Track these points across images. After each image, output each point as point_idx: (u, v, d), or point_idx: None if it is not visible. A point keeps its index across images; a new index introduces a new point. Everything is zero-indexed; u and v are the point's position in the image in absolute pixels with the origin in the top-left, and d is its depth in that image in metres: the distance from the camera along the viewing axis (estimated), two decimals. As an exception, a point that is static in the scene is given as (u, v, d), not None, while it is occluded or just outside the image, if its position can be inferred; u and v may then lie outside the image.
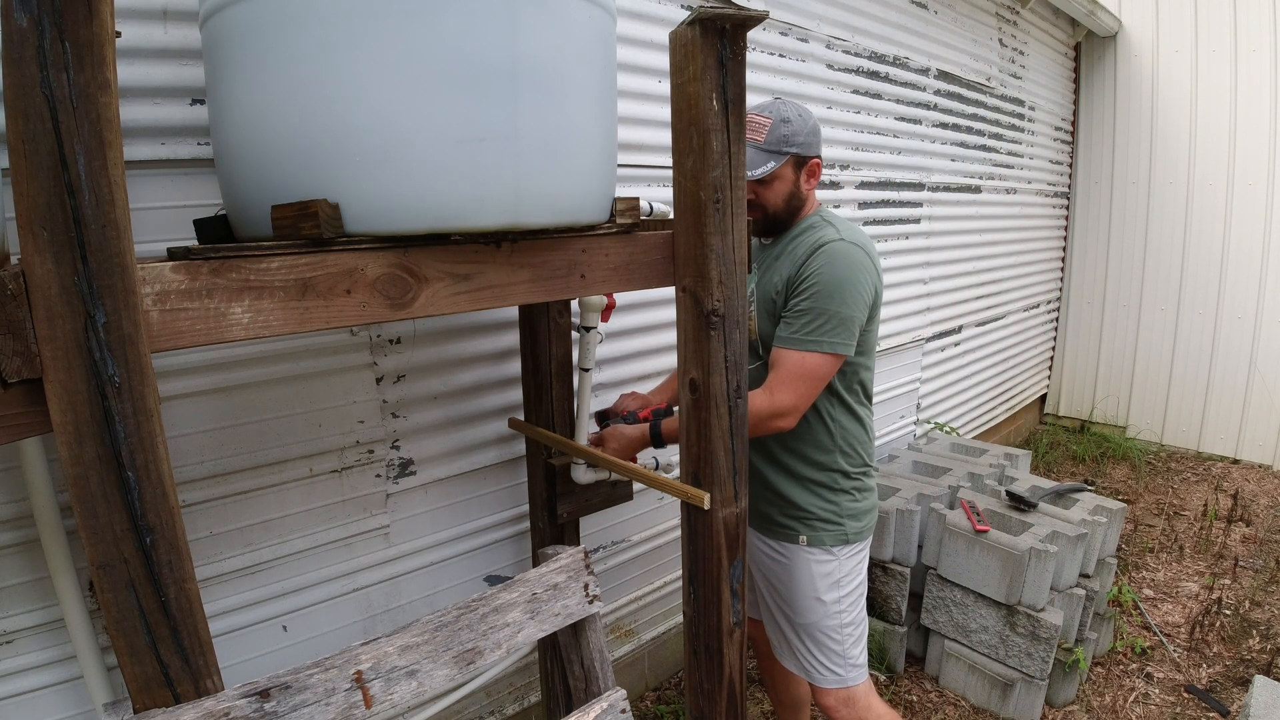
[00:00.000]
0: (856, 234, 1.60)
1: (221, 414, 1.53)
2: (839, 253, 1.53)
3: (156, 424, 0.83)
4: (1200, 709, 2.52)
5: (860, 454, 1.71)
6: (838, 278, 1.51)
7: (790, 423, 1.56)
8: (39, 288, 0.75)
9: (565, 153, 1.10)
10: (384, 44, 0.94)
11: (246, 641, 1.64)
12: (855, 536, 1.71)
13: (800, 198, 1.64)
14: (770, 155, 1.57)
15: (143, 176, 1.36)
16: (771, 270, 1.65)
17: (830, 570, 1.70)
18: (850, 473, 1.70)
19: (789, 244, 1.64)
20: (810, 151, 1.60)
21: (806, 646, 1.76)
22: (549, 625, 1.30)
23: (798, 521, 1.71)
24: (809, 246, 1.57)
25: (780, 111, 1.58)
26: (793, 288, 1.57)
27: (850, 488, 1.70)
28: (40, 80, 0.71)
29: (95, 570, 0.81)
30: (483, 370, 1.94)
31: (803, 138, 1.58)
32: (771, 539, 1.77)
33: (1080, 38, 5.09)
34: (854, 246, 1.55)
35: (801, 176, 1.62)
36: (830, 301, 1.51)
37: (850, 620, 1.73)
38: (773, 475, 1.73)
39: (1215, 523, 3.91)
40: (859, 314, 1.54)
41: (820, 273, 1.52)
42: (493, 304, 1.14)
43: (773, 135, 1.57)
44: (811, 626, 1.73)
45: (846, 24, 2.98)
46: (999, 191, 4.41)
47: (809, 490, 1.69)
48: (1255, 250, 4.62)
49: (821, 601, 1.71)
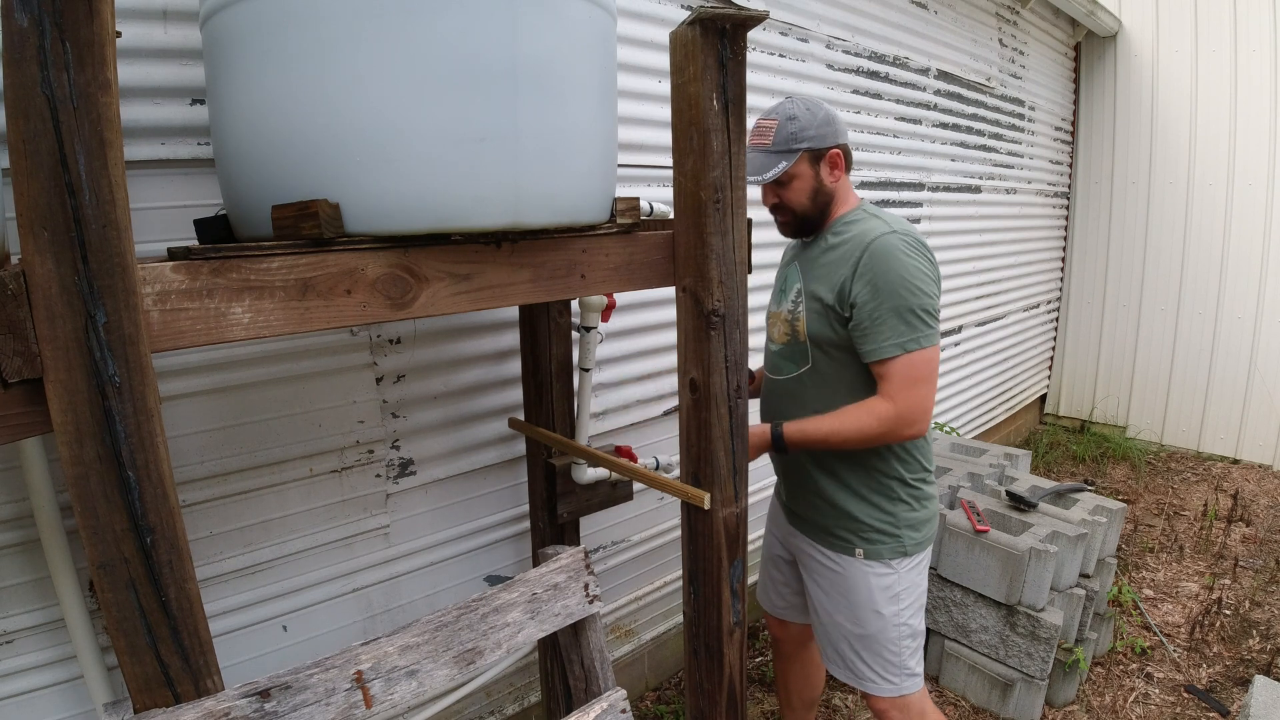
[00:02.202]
0: (904, 224, 1.54)
1: (222, 414, 1.53)
2: (893, 245, 1.47)
3: (157, 424, 0.83)
4: (1200, 709, 2.52)
5: (918, 460, 1.63)
6: (902, 268, 1.45)
7: (923, 428, 1.50)
8: (39, 287, 0.75)
9: (565, 153, 1.10)
10: (384, 44, 0.94)
11: (246, 641, 1.64)
12: (914, 548, 1.62)
13: (827, 192, 1.59)
14: (780, 156, 1.53)
15: (143, 176, 1.36)
16: (818, 268, 1.59)
17: (889, 584, 1.61)
18: (909, 480, 1.61)
19: (836, 242, 1.57)
20: (825, 143, 1.54)
21: (862, 657, 1.67)
22: (549, 625, 1.30)
23: (853, 534, 1.62)
24: (860, 245, 1.50)
25: (785, 110, 1.55)
26: (856, 292, 1.49)
27: (908, 496, 1.61)
28: (41, 80, 0.71)
29: (95, 570, 0.81)
30: (483, 370, 1.94)
31: (813, 131, 1.53)
32: (826, 548, 1.68)
33: (1080, 38, 5.09)
34: (904, 236, 1.49)
35: (822, 170, 1.56)
36: (904, 297, 1.44)
37: (910, 632, 1.65)
38: (827, 485, 1.64)
39: (1215, 523, 3.91)
40: (933, 300, 1.48)
41: (882, 268, 1.46)
42: (493, 304, 1.14)
43: (779, 135, 1.53)
44: (869, 638, 1.65)
45: (846, 24, 2.98)
46: (999, 191, 4.41)
47: (865, 501, 1.61)
48: (1255, 250, 4.62)
49: (880, 614, 1.62)
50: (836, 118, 1.57)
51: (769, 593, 1.99)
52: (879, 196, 3.39)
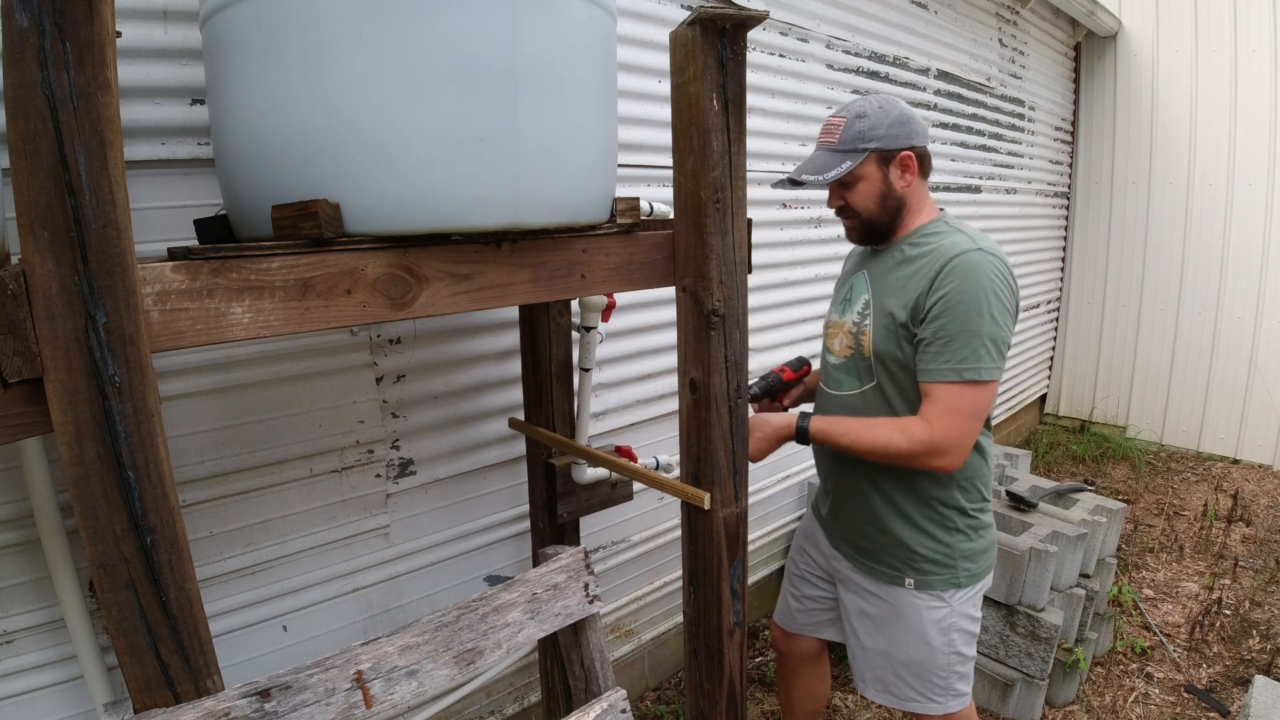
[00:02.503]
0: (991, 242, 1.44)
1: (222, 414, 1.53)
2: (978, 264, 1.37)
3: (157, 424, 0.83)
4: (1200, 709, 2.52)
5: (979, 489, 1.54)
6: (981, 292, 1.35)
7: (954, 463, 1.39)
8: (39, 287, 0.75)
9: (565, 152, 1.10)
10: (384, 44, 0.94)
11: (247, 641, 1.64)
12: (969, 580, 1.53)
13: (896, 197, 1.48)
14: (845, 155, 1.44)
15: (143, 176, 1.36)
16: (892, 281, 1.49)
17: (941, 616, 1.53)
18: (968, 510, 1.52)
19: (914, 254, 1.48)
20: (896, 144, 1.44)
21: (906, 681, 1.60)
22: (549, 625, 1.30)
23: (903, 563, 1.54)
24: (940, 259, 1.40)
25: (856, 108, 1.46)
26: (927, 307, 1.39)
27: (966, 527, 1.52)
28: (41, 80, 0.71)
29: (95, 570, 0.81)
30: (483, 370, 1.94)
31: (883, 130, 1.43)
32: (872, 577, 1.60)
33: (1080, 38, 5.09)
34: (992, 256, 1.39)
35: (892, 173, 1.46)
36: (978, 321, 1.34)
37: (960, 660, 1.57)
38: (881, 509, 1.55)
39: (1215, 523, 3.91)
40: (1007, 331, 1.38)
41: (960, 288, 1.35)
42: (493, 304, 1.14)
43: (846, 134, 1.44)
44: (915, 665, 1.57)
45: (846, 24, 2.98)
46: (999, 191, 4.41)
47: (920, 530, 1.52)
48: (1255, 250, 4.62)
49: (930, 645, 1.54)
50: (913, 118, 1.47)
51: (792, 611, 1.88)
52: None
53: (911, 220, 1.52)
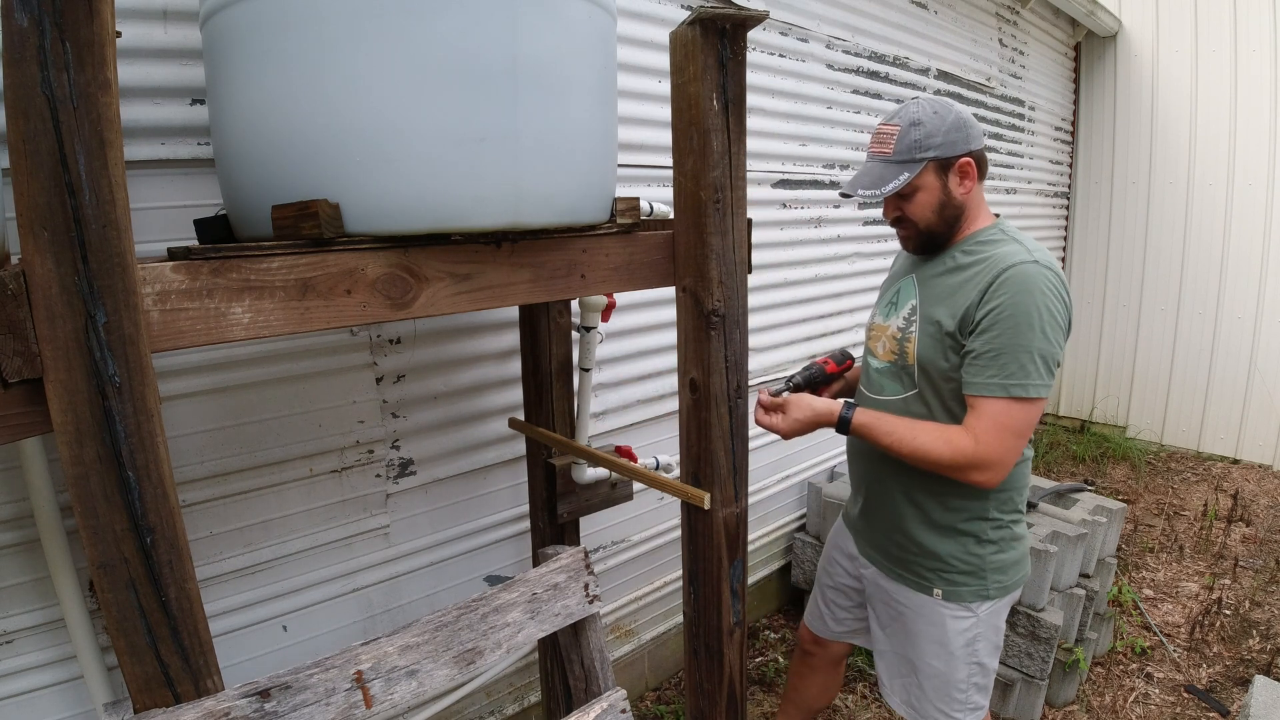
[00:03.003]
0: (1046, 253, 1.38)
1: (222, 414, 1.53)
2: (1032, 276, 1.32)
3: (157, 424, 0.83)
4: (1200, 709, 2.52)
5: (1014, 500, 1.50)
6: (1035, 306, 1.30)
7: (995, 479, 1.36)
8: (39, 287, 0.75)
9: (565, 152, 1.10)
10: (384, 44, 0.94)
11: (246, 641, 1.64)
12: (999, 592, 1.49)
13: (955, 205, 1.43)
14: (902, 166, 1.39)
15: (143, 176, 1.36)
16: (941, 288, 1.45)
17: (966, 628, 1.50)
18: (1002, 521, 1.49)
19: (966, 262, 1.43)
20: (954, 151, 1.39)
21: (925, 693, 1.58)
22: (549, 625, 1.30)
23: (933, 573, 1.51)
24: (994, 269, 1.35)
25: (910, 115, 1.40)
26: (980, 319, 1.35)
27: (999, 538, 1.48)
28: (41, 80, 0.71)
29: (95, 570, 0.81)
30: (483, 370, 1.94)
31: (940, 138, 1.38)
32: (901, 584, 1.58)
33: (1080, 38, 5.09)
34: (1046, 269, 1.34)
35: (951, 181, 1.41)
36: (1029, 336, 1.30)
37: (982, 673, 1.55)
38: (912, 519, 1.52)
39: (1215, 523, 3.91)
40: (1059, 348, 1.34)
41: (1013, 301, 1.31)
42: (493, 304, 1.14)
43: (902, 144, 1.39)
44: (936, 676, 1.56)
45: (846, 24, 2.98)
46: (999, 191, 4.41)
47: (951, 540, 1.49)
48: (1255, 250, 4.62)
49: (953, 656, 1.52)
50: (969, 121, 1.42)
51: (823, 617, 1.86)
52: (879, 196, 3.38)
53: (968, 226, 1.47)
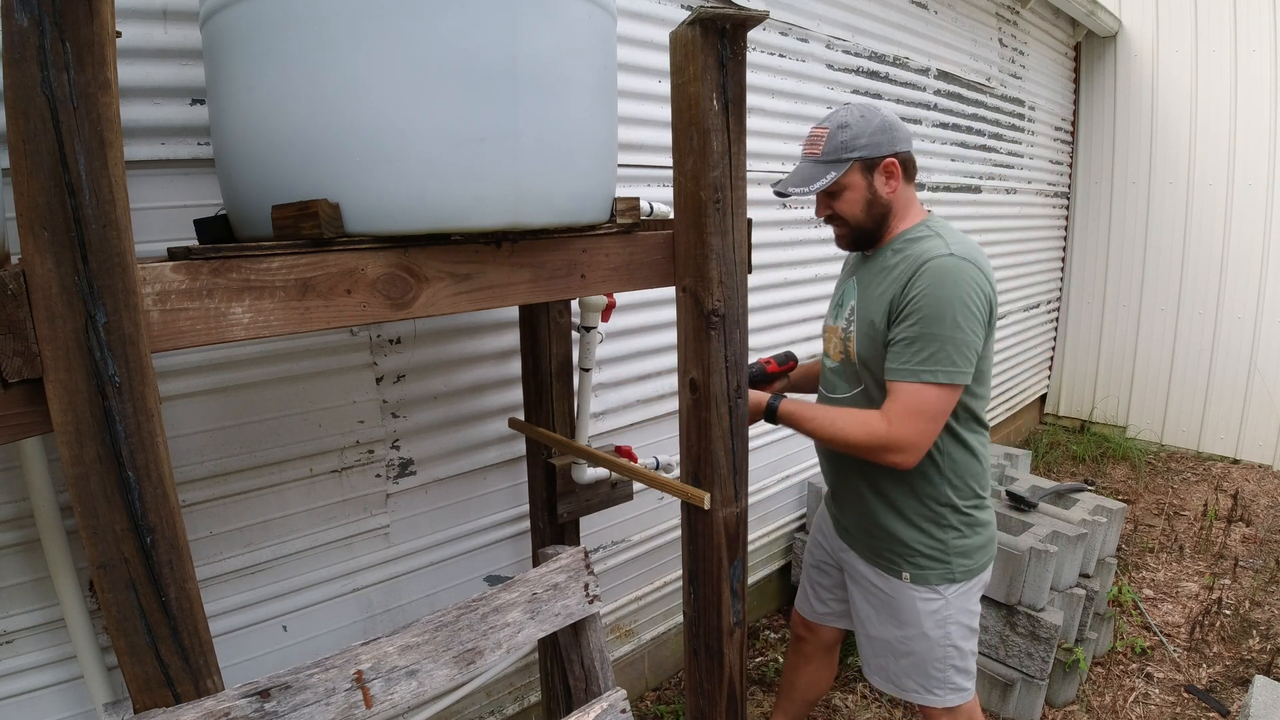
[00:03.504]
0: (967, 246, 1.46)
1: (222, 414, 1.53)
2: (948, 269, 1.40)
3: (157, 424, 0.83)
4: (1200, 709, 2.52)
5: (971, 486, 1.58)
6: (949, 297, 1.39)
7: (910, 460, 1.45)
8: (39, 287, 0.75)
9: (565, 152, 1.10)
10: (384, 44, 0.94)
11: (246, 641, 1.64)
12: (964, 575, 1.58)
13: (882, 203, 1.52)
14: (829, 166, 1.48)
15: (143, 176, 1.36)
16: (876, 286, 1.53)
17: (936, 609, 1.59)
18: (960, 507, 1.56)
19: (892, 258, 1.52)
20: (879, 151, 1.48)
21: (906, 672, 1.66)
22: (549, 625, 1.30)
23: (900, 557, 1.60)
24: (914, 262, 1.45)
25: (838, 118, 1.50)
26: (898, 310, 1.44)
27: (959, 524, 1.56)
28: (41, 80, 0.71)
29: (95, 570, 0.81)
30: (483, 370, 1.94)
31: (865, 139, 1.47)
32: (875, 567, 1.66)
33: (1080, 38, 5.09)
34: (964, 261, 1.42)
35: (876, 180, 1.50)
36: (942, 325, 1.38)
37: (957, 654, 1.62)
38: (876, 506, 1.61)
39: (1215, 523, 3.91)
40: (975, 337, 1.41)
41: (928, 293, 1.40)
42: (493, 304, 1.14)
43: (830, 145, 1.48)
44: (913, 657, 1.64)
45: (846, 24, 2.98)
46: (999, 191, 4.41)
47: (914, 527, 1.57)
48: (1255, 250, 4.62)
49: (926, 637, 1.60)
50: (895, 124, 1.50)
51: (809, 599, 1.95)
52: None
53: (897, 225, 1.56)
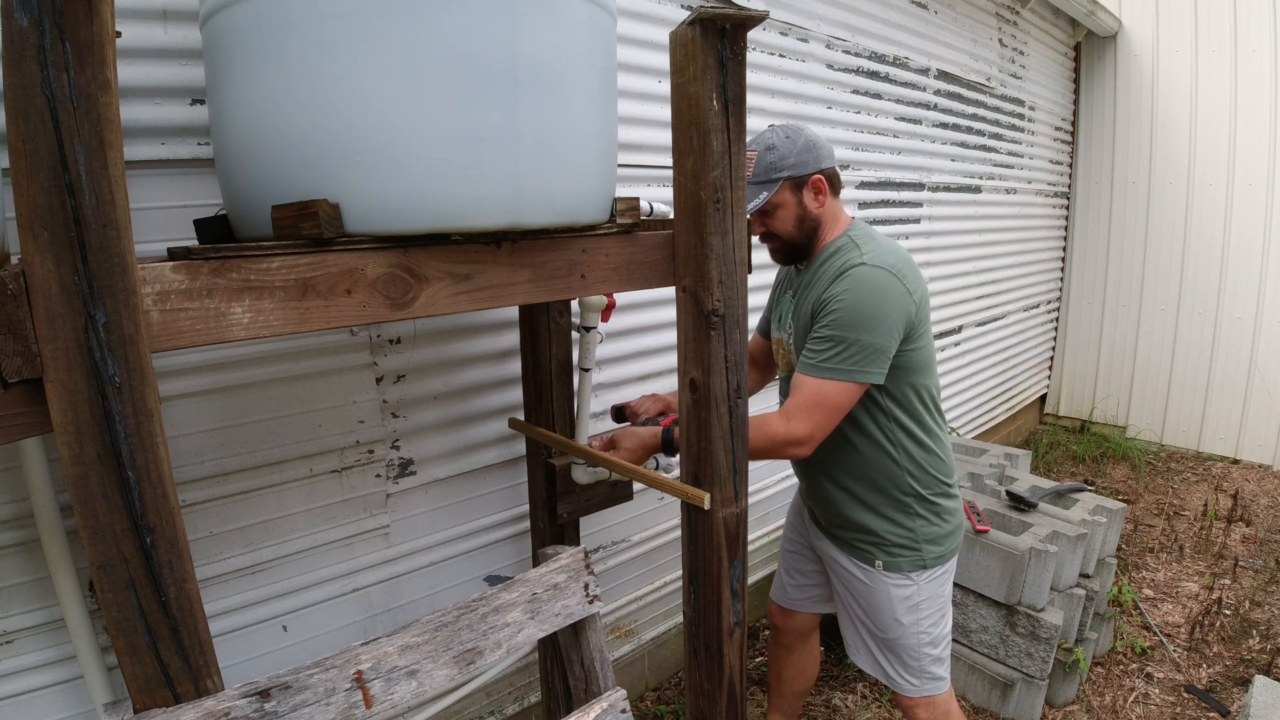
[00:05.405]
0: (884, 254, 1.52)
1: (222, 414, 1.53)
2: (862, 278, 1.48)
3: (157, 424, 0.83)
4: (1200, 709, 2.52)
5: (935, 476, 1.64)
6: (860, 304, 1.46)
7: (806, 451, 1.51)
8: (39, 288, 0.75)
9: (565, 152, 1.10)
10: (384, 44, 0.94)
11: (246, 641, 1.64)
12: (934, 561, 1.64)
13: (813, 218, 1.60)
14: (760, 187, 1.55)
15: (143, 176, 1.36)
16: (805, 300, 1.61)
17: (908, 594, 1.65)
18: (926, 496, 1.63)
19: (819, 269, 1.60)
20: (805, 170, 1.55)
21: (887, 659, 1.73)
22: (549, 625, 1.30)
23: (873, 546, 1.66)
24: (834, 272, 1.53)
25: (765, 141, 1.56)
26: (817, 315, 1.53)
27: (926, 512, 1.63)
28: (40, 80, 0.71)
29: (95, 570, 0.81)
30: (483, 370, 1.94)
31: (793, 159, 1.54)
32: (849, 555, 1.72)
33: (1080, 38, 5.09)
34: (878, 270, 1.48)
35: (805, 196, 1.58)
36: (851, 329, 1.45)
37: (931, 639, 1.68)
38: (843, 501, 1.68)
39: (1215, 523, 3.91)
40: (885, 340, 1.47)
41: (842, 298, 1.47)
42: (493, 304, 1.14)
43: (759, 167, 1.55)
44: (892, 643, 1.70)
45: (846, 24, 2.98)
46: (999, 191, 4.41)
47: (882, 517, 1.64)
48: (1255, 250, 4.62)
49: (900, 623, 1.67)
50: (818, 143, 1.58)
51: (785, 586, 2.02)
52: (879, 196, 3.39)
53: (824, 237, 1.63)
